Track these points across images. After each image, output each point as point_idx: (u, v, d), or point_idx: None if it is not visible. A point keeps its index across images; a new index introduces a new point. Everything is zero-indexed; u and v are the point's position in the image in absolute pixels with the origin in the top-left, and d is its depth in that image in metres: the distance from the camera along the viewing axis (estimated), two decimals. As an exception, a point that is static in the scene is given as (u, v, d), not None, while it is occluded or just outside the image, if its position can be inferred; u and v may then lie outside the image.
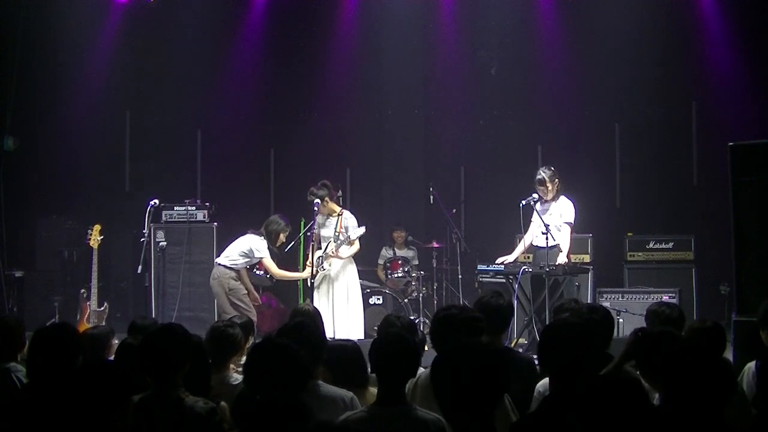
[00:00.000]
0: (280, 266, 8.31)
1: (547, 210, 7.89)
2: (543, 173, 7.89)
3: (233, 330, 4.68)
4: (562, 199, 7.92)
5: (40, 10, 10.25)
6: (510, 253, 8.15)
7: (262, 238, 8.11)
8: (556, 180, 7.89)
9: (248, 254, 8.11)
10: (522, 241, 8.18)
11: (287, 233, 8.28)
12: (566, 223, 7.82)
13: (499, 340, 4.59)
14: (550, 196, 7.89)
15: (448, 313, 4.23)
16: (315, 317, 5.35)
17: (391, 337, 3.76)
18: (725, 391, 2.85)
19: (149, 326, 4.71)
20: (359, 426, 3.30)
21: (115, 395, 2.98)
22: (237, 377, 4.45)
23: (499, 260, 7.96)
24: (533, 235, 8.06)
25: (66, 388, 2.96)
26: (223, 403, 3.89)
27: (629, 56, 10.21)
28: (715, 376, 2.83)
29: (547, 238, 7.71)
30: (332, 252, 8.03)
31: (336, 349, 4.29)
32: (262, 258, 8.13)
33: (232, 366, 4.62)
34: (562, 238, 7.80)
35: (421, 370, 3.96)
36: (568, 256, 7.85)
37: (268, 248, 8.13)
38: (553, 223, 7.78)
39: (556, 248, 7.75)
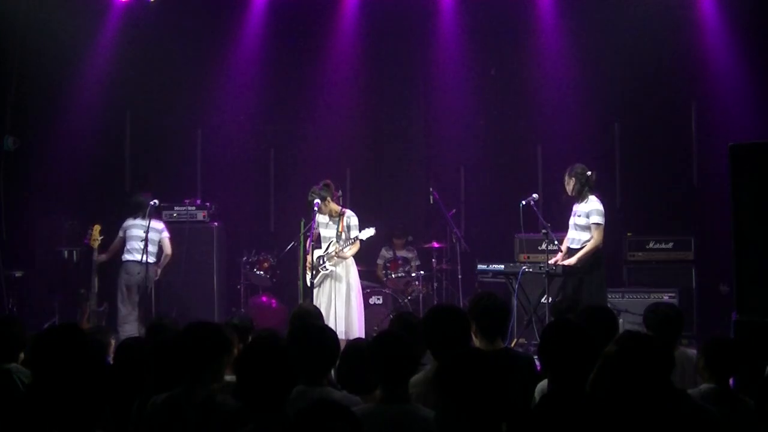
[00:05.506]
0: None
1: (575, 212, 7.81)
2: (569, 169, 7.79)
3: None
4: (591, 199, 7.74)
5: (39, 9, 10.23)
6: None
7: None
8: (576, 178, 7.67)
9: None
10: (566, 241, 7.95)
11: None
12: (593, 224, 7.60)
13: (497, 343, 4.31)
14: (569, 192, 7.80)
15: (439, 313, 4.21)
16: (320, 319, 5.35)
17: (387, 337, 3.75)
18: None
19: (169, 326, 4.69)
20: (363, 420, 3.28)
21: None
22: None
23: (552, 261, 7.77)
24: (568, 237, 7.89)
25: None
26: None
27: (629, 56, 10.19)
28: None
29: (547, 238, 7.71)
30: (335, 252, 8.02)
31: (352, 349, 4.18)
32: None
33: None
34: (590, 239, 7.64)
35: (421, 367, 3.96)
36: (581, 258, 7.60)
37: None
38: (581, 224, 7.71)
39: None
